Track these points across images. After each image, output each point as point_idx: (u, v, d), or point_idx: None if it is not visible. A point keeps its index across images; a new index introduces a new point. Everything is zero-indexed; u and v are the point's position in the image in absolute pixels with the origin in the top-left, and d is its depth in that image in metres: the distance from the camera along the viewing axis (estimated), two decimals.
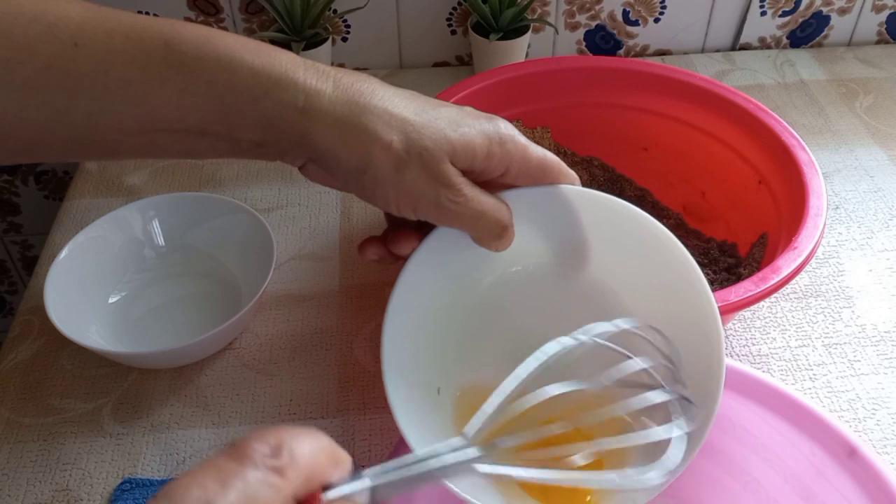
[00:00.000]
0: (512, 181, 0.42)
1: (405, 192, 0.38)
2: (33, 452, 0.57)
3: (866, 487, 0.42)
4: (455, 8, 0.91)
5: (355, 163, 0.37)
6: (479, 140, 0.39)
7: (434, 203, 0.38)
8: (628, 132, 0.72)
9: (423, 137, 0.38)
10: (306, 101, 0.36)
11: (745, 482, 0.46)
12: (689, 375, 0.39)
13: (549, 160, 0.43)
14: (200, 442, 0.57)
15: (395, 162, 0.37)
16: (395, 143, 0.37)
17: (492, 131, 0.40)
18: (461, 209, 0.39)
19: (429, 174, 0.38)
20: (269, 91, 0.36)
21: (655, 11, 0.94)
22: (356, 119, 0.37)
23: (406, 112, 0.38)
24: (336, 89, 0.37)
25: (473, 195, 0.39)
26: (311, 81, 0.37)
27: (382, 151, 0.37)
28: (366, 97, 0.38)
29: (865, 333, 0.65)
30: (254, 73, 0.36)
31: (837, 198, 0.77)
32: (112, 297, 0.66)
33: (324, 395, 0.60)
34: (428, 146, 0.38)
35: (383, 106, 0.38)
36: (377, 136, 0.37)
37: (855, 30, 0.98)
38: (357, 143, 0.37)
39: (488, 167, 0.40)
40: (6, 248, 1.12)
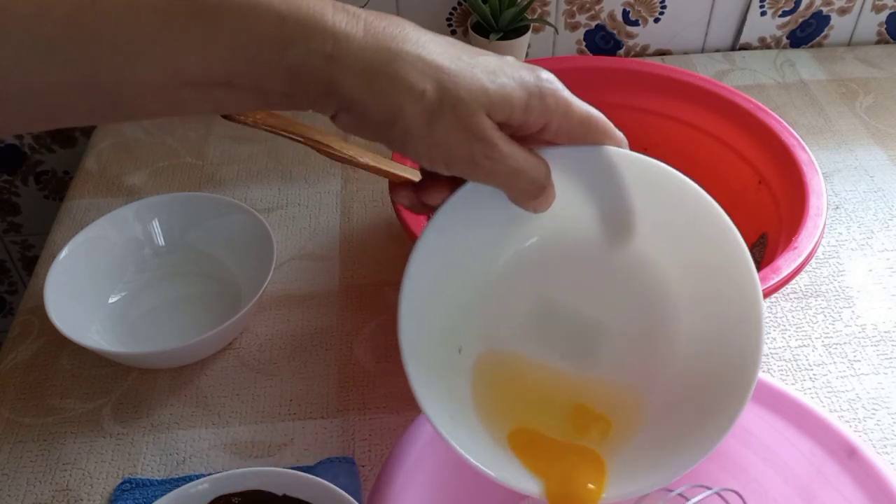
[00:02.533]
0: (552, 138, 0.39)
1: (437, 146, 0.36)
2: (33, 452, 0.57)
3: (866, 487, 0.42)
4: (455, 8, 0.91)
5: (385, 115, 0.35)
6: (517, 92, 0.37)
7: (467, 159, 0.36)
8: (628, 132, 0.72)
9: (459, 87, 0.35)
10: (335, 46, 0.34)
11: (745, 482, 0.46)
12: (725, 354, 0.39)
13: (595, 118, 0.40)
14: (200, 442, 0.57)
15: (427, 113, 0.35)
16: (429, 92, 0.35)
17: (532, 83, 0.37)
18: (496, 166, 0.37)
19: (463, 127, 0.36)
20: (295, 39, 0.34)
21: (655, 11, 0.94)
22: (387, 66, 0.35)
23: (441, 59, 0.36)
24: (366, 34, 0.35)
25: (510, 151, 0.37)
26: (341, 25, 0.34)
27: (414, 102, 0.35)
28: (398, 42, 0.35)
29: (865, 333, 0.65)
30: (280, 19, 0.34)
31: (837, 198, 0.77)
32: (112, 297, 0.66)
33: (324, 395, 0.60)
34: (463, 97, 0.35)
35: (416, 52, 0.35)
36: (409, 85, 0.35)
37: (855, 30, 0.98)
38: (387, 93, 0.35)
39: (527, 121, 0.37)
40: (6, 248, 1.12)
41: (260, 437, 0.58)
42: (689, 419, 0.39)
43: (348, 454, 0.56)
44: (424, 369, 0.38)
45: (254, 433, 0.58)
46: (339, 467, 0.55)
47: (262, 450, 0.57)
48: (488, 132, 0.36)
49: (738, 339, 0.39)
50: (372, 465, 0.55)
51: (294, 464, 0.56)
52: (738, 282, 0.40)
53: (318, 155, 0.55)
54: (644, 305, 0.42)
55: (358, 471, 0.55)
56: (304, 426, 0.58)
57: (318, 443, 0.57)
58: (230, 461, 0.56)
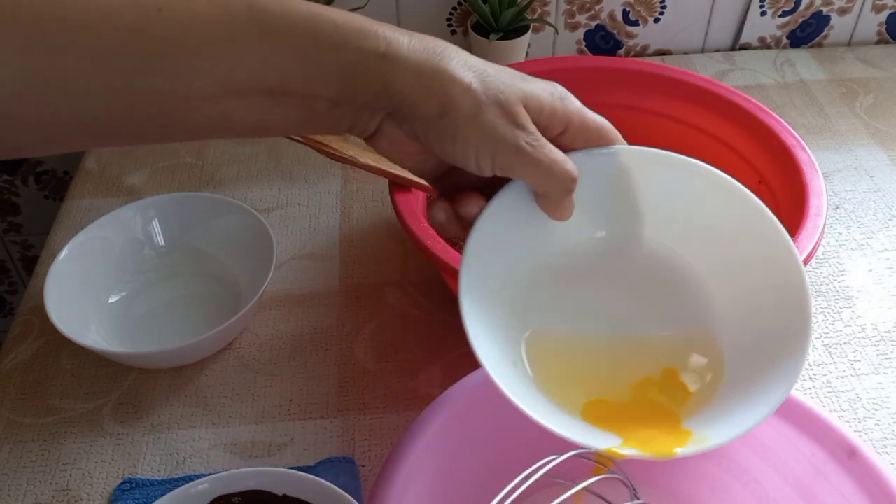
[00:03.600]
0: (569, 142, 0.42)
1: (485, 135, 0.38)
2: (33, 452, 0.57)
3: (866, 487, 0.42)
4: (455, 8, 0.91)
5: (435, 107, 0.38)
6: (544, 94, 0.40)
7: (514, 146, 0.38)
8: (628, 132, 0.72)
9: (498, 82, 0.39)
10: (387, 47, 0.37)
11: (745, 482, 0.46)
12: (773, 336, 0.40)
13: (608, 123, 0.43)
14: (200, 442, 0.57)
15: (474, 103, 0.38)
16: (474, 84, 0.38)
17: (553, 89, 0.41)
18: (539, 153, 0.39)
19: (507, 116, 0.38)
20: (351, 39, 0.36)
21: (655, 11, 0.94)
22: (435, 62, 0.38)
23: (477, 62, 0.39)
24: (412, 39, 0.38)
25: (546, 142, 0.40)
26: (390, 33, 0.37)
27: (462, 92, 0.38)
28: (440, 47, 0.38)
29: (865, 333, 0.65)
30: (336, 26, 0.36)
31: (837, 198, 0.77)
32: (112, 297, 0.66)
33: (324, 395, 0.60)
34: (504, 89, 0.38)
35: (457, 55, 0.39)
36: (457, 78, 0.38)
37: (855, 30, 0.98)
38: (437, 85, 0.37)
39: (551, 122, 0.40)
40: (6, 249, 1.12)
41: (260, 437, 0.58)
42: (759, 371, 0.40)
43: (348, 454, 0.56)
44: (488, 344, 0.39)
45: (254, 433, 0.58)
46: (339, 467, 0.55)
47: (262, 450, 0.57)
48: (528, 122, 0.39)
49: (782, 318, 0.40)
50: (372, 465, 0.55)
51: (294, 464, 0.56)
52: (778, 259, 0.42)
53: (318, 155, 0.55)
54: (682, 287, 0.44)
55: (358, 471, 0.55)
56: (304, 426, 0.58)
57: (318, 443, 0.57)
58: (230, 461, 0.56)
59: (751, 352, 0.41)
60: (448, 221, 0.43)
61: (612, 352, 0.43)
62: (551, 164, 0.40)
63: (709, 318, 0.43)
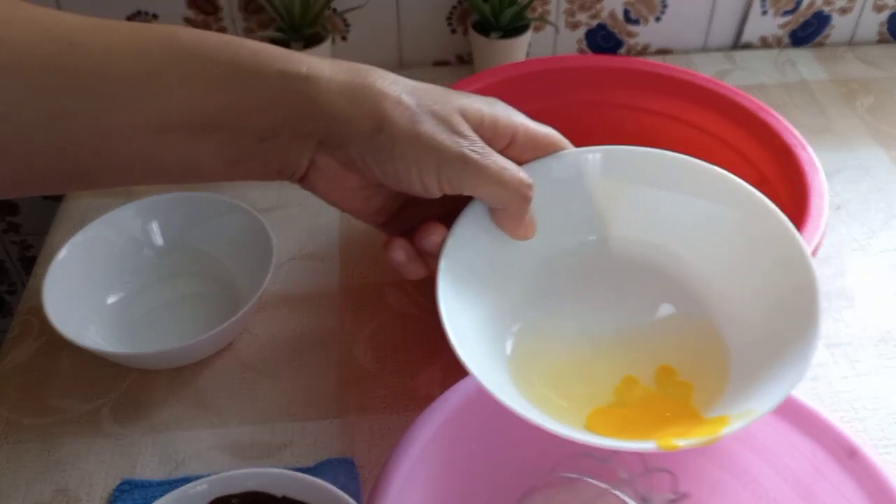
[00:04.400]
0: (518, 155, 0.40)
1: (425, 147, 0.36)
2: (33, 453, 0.57)
3: (867, 488, 0.42)
4: (455, 7, 0.91)
5: (368, 123, 0.36)
6: (483, 105, 0.38)
7: (458, 154, 0.36)
8: (629, 132, 0.72)
9: (430, 95, 0.37)
10: (309, 69, 0.36)
11: (745, 482, 0.46)
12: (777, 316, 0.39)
13: (555, 132, 0.41)
14: (200, 443, 0.57)
15: (408, 115, 0.36)
16: (405, 97, 0.36)
17: (492, 101, 0.39)
18: (487, 160, 0.36)
19: (445, 126, 0.36)
20: (270, 64, 0.35)
21: (656, 10, 0.93)
22: (361, 80, 0.36)
23: (406, 80, 0.38)
24: (334, 63, 0.37)
25: (491, 150, 0.37)
26: (309, 58, 0.36)
27: (394, 105, 0.36)
28: (364, 67, 0.37)
29: (867, 334, 0.65)
30: (254, 52, 0.35)
31: (839, 198, 0.77)
32: (111, 298, 0.65)
33: (324, 395, 0.60)
34: (437, 100, 0.37)
35: (382, 73, 0.37)
36: (386, 92, 0.36)
37: (856, 29, 0.98)
38: (367, 101, 0.36)
39: (495, 134, 0.38)
40: (5, 249, 1.12)
41: (259, 437, 0.57)
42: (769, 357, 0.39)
43: (348, 455, 0.56)
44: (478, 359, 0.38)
45: (253, 434, 0.58)
46: (338, 468, 0.55)
47: (262, 451, 0.57)
48: (470, 131, 0.37)
49: (787, 295, 0.39)
50: (372, 466, 0.55)
51: (293, 465, 0.55)
52: (773, 234, 0.40)
53: None
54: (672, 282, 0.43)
55: (357, 472, 0.55)
56: (303, 427, 0.58)
57: (317, 443, 0.57)
58: (229, 462, 0.56)
59: (757, 348, 0.40)
60: (409, 260, 0.40)
61: (609, 355, 0.42)
62: (501, 170, 0.37)
63: (710, 314, 0.42)
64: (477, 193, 0.38)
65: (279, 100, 0.35)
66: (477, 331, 0.39)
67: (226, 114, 0.35)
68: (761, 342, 0.39)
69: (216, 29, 0.90)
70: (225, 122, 0.35)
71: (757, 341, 0.40)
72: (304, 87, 0.35)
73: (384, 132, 0.36)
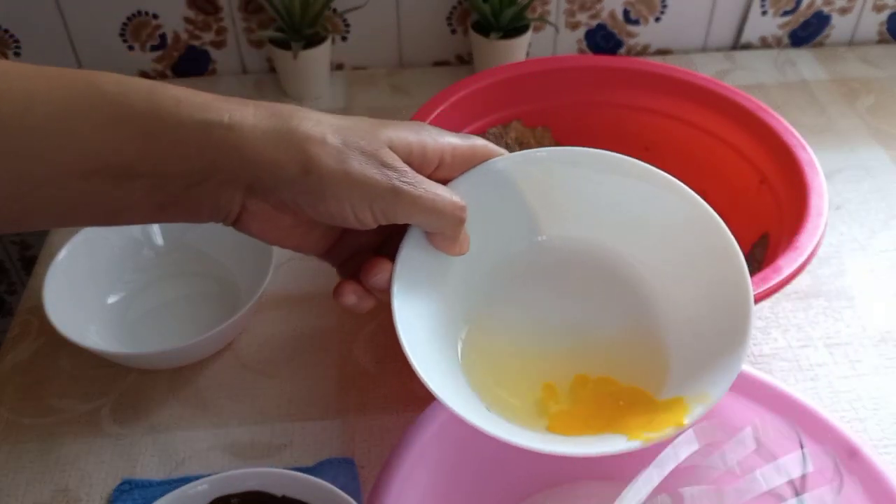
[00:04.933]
0: (447, 173, 0.41)
1: (355, 183, 0.36)
2: (32, 453, 0.57)
3: (867, 488, 0.42)
4: (455, 7, 0.91)
5: (296, 166, 0.36)
6: (410, 134, 0.38)
7: (389, 188, 0.36)
8: (629, 132, 0.72)
9: (355, 132, 0.37)
10: (231, 118, 0.35)
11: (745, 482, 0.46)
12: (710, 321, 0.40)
13: (481, 142, 0.42)
14: (199, 443, 0.57)
15: (335, 154, 0.36)
16: (329, 137, 0.36)
17: (419, 128, 0.39)
18: (419, 190, 0.37)
19: (374, 160, 0.36)
20: (192, 113, 0.35)
21: (656, 10, 0.93)
22: (285, 124, 0.36)
23: (331, 117, 0.38)
24: (257, 108, 0.36)
25: (423, 178, 0.38)
26: (233, 104, 0.36)
27: (320, 146, 0.36)
28: (287, 110, 0.37)
29: (867, 334, 0.65)
30: (176, 100, 0.35)
31: (839, 198, 0.77)
32: (111, 298, 0.65)
33: (323, 395, 0.60)
34: (363, 136, 0.37)
35: (306, 115, 0.37)
36: (311, 135, 0.36)
37: (856, 29, 0.98)
38: (292, 145, 0.36)
39: (424, 160, 0.39)
40: (5, 249, 1.12)
41: (259, 437, 0.57)
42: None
43: (348, 455, 0.56)
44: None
45: (253, 434, 0.58)
46: (338, 468, 0.55)
47: (262, 450, 0.57)
48: (398, 162, 0.37)
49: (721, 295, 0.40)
50: (372, 466, 0.55)
51: (293, 464, 0.55)
52: (704, 229, 0.42)
53: None
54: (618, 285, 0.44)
55: (357, 471, 0.55)
56: (303, 427, 0.58)
57: (317, 443, 0.57)
58: (229, 462, 0.56)
59: (696, 337, 0.41)
60: (360, 300, 0.40)
61: (557, 353, 0.43)
62: (434, 198, 0.38)
63: (650, 306, 0.43)
64: (412, 222, 0.39)
65: (202, 148, 0.35)
66: (437, 352, 0.40)
67: (148, 161, 0.34)
68: (699, 331, 0.41)
69: (216, 29, 0.90)
70: (147, 169, 0.35)
71: (696, 331, 0.41)
72: (228, 136, 0.35)
73: (312, 174, 0.36)
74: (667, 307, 0.42)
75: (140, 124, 0.34)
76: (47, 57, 0.89)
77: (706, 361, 0.39)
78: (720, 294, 0.40)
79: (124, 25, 0.88)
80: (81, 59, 0.90)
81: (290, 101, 0.89)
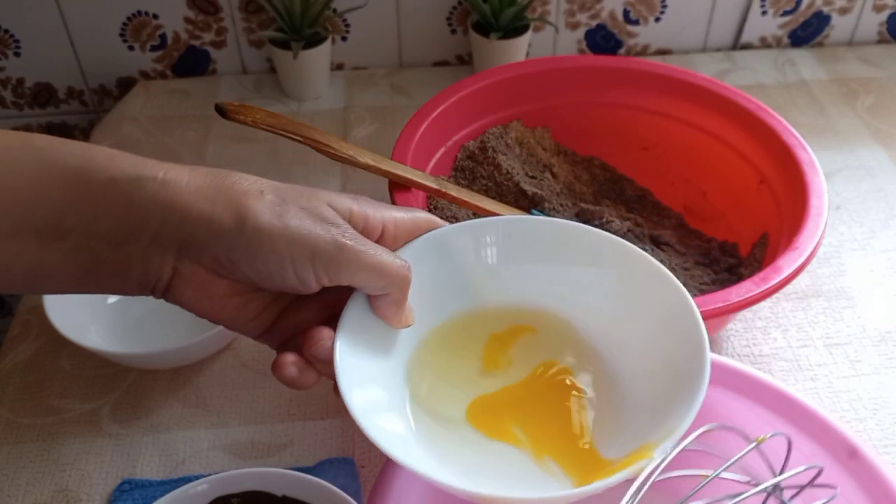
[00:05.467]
0: (389, 245, 0.40)
1: (295, 237, 0.34)
2: (33, 453, 0.57)
3: (867, 488, 0.42)
4: (455, 7, 0.91)
5: (230, 220, 0.34)
6: (350, 201, 0.38)
7: (332, 242, 0.35)
8: (629, 132, 0.72)
9: (293, 192, 0.36)
10: (165, 174, 0.34)
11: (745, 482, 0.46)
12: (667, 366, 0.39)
13: (423, 214, 0.42)
14: (199, 443, 0.57)
15: (273, 208, 0.35)
16: (267, 192, 0.35)
17: (357, 197, 0.39)
18: (361, 245, 0.36)
19: (314, 216, 0.35)
20: (125, 168, 0.34)
21: (656, 11, 0.93)
22: (221, 182, 0.35)
23: (268, 180, 0.37)
24: (193, 169, 0.35)
25: (365, 239, 0.37)
26: (167, 164, 0.35)
27: (257, 200, 0.35)
28: (224, 171, 0.36)
29: (867, 334, 0.65)
30: (110, 157, 0.34)
31: (839, 198, 0.77)
32: (111, 298, 0.65)
33: (323, 395, 0.60)
34: (303, 194, 0.36)
35: (243, 175, 0.36)
36: (247, 190, 0.35)
37: (856, 29, 0.98)
38: (228, 197, 0.34)
39: (366, 226, 0.38)
40: None
41: (259, 437, 0.57)
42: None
43: (348, 455, 0.56)
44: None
45: (253, 434, 0.58)
46: (338, 468, 0.55)
47: (262, 450, 0.57)
48: (339, 219, 0.36)
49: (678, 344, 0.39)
50: (372, 466, 0.55)
51: (293, 464, 0.55)
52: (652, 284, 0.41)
53: (317, 155, 0.55)
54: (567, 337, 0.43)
55: (358, 471, 0.55)
56: (303, 427, 0.58)
57: (317, 443, 0.57)
58: (229, 462, 0.56)
59: (648, 382, 0.40)
60: (302, 373, 0.38)
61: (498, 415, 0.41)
62: (377, 254, 0.36)
63: (599, 363, 0.42)
64: (355, 280, 0.37)
65: (133, 204, 0.34)
66: (387, 411, 0.39)
67: (78, 217, 0.33)
68: (657, 379, 0.40)
69: (216, 29, 0.90)
70: (76, 225, 0.33)
71: (653, 381, 0.40)
72: (161, 191, 0.34)
73: (248, 226, 0.34)
74: (620, 367, 0.42)
75: (71, 178, 0.33)
76: (47, 57, 0.89)
77: (668, 405, 0.38)
78: (673, 333, 0.39)
79: (124, 25, 0.88)
80: (81, 59, 0.90)
81: (291, 101, 0.89)
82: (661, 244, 0.67)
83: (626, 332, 0.42)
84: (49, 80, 0.91)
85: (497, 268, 0.44)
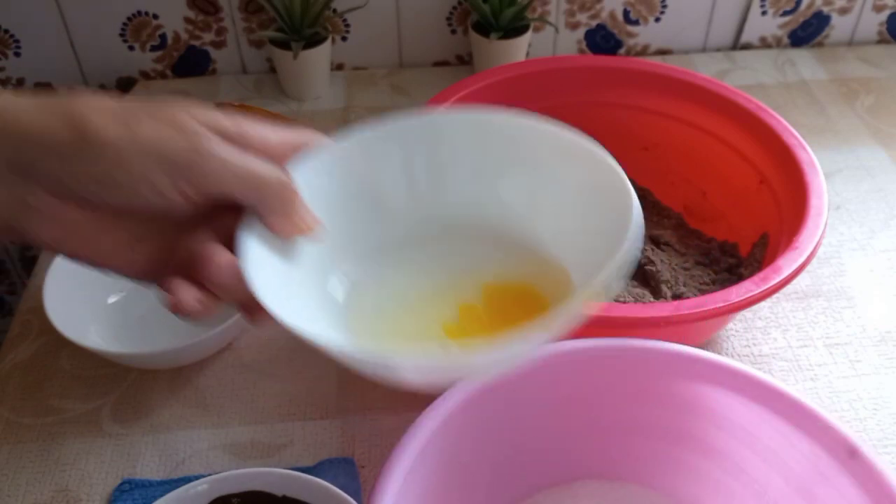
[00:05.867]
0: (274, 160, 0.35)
1: (148, 149, 0.30)
2: (33, 453, 0.57)
3: (867, 488, 0.42)
4: (455, 7, 0.91)
5: (67, 130, 0.30)
6: (220, 115, 0.33)
7: (191, 149, 0.30)
8: (629, 132, 0.72)
9: (147, 104, 0.31)
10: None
11: (745, 482, 0.46)
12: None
13: (307, 130, 0.37)
14: (200, 443, 0.57)
15: (118, 118, 0.30)
16: (111, 104, 0.31)
17: (231, 114, 0.34)
18: (225, 153, 0.31)
19: (171, 124, 0.31)
20: None
21: (656, 11, 0.93)
22: (56, 98, 0.30)
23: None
24: (36, 91, 0.32)
25: (232, 149, 0.32)
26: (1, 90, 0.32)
27: (97, 111, 0.30)
28: (63, 93, 0.31)
29: (866, 334, 0.65)
30: None
31: (839, 197, 0.77)
32: (111, 297, 0.65)
33: (324, 395, 0.60)
34: (158, 108, 0.31)
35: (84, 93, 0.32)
36: (86, 101, 0.30)
37: (856, 29, 0.98)
38: (63, 108, 0.30)
39: (241, 132, 0.33)
40: (5, 248, 1.12)
41: (259, 437, 0.57)
42: None
43: (348, 454, 0.56)
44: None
45: (253, 434, 0.58)
46: (338, 468, 0.55)
47: (262, 450, 0.57)
48: (199, 127, 0.31)
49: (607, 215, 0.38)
50: (372, 466, 0.55)
51: (294, 464, 0.55)
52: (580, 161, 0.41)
53: None
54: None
55: (358, 471, 0.55)
56: (303, 427, 0.58)
57: (317, 443, 0.57)
58: (229, 462, 0.56)
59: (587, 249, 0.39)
60: (204, 306, 0.33)
61: (442, 297, 0.40)
62: (246, 160, 0.32)
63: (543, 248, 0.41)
64: (225, 190, 0.32)
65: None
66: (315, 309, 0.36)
67: None
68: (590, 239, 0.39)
69: (216, 29, 0.90)
70: None
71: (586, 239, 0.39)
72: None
73: (88, 138, 0.30)
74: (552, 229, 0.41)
75: None
76: (47, 57, 0.89)
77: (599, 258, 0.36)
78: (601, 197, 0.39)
79: (124, 25, 0.88)
80: (81, 59, 0.90)
81: (291, 101, 0.89)
82: (661, 244, 0.67)
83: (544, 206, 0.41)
84: (49, 80, 0.91)
85: (414, 171, 0.41)
